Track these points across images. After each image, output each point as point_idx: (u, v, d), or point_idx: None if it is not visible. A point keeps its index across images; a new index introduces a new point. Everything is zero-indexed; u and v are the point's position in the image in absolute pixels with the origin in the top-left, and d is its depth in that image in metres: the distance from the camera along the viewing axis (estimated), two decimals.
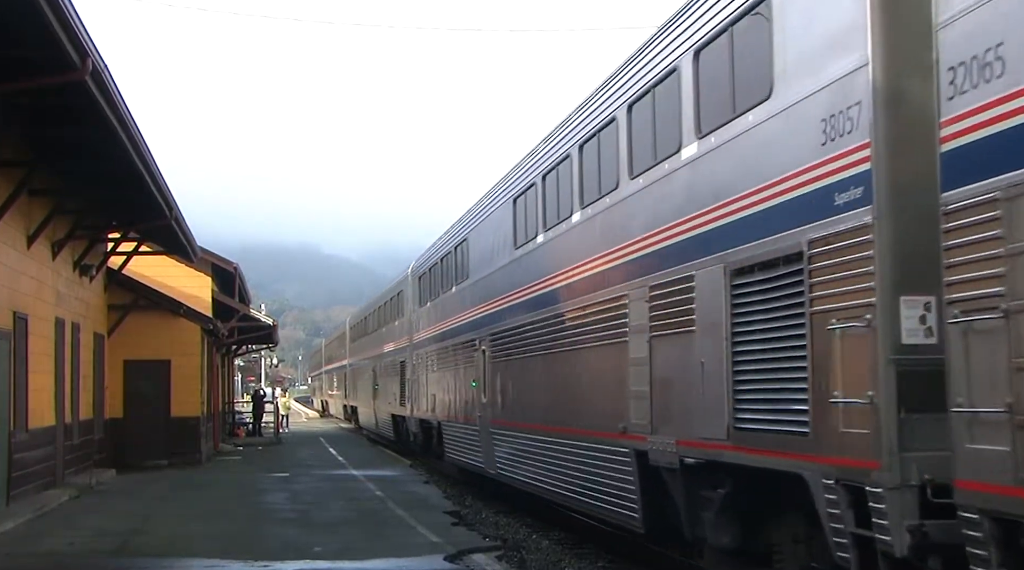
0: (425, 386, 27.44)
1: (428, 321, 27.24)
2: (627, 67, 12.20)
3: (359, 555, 13.64)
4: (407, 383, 30.99)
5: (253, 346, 56.22)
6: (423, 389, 27.88)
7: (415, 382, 29.40)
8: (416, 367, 29.21)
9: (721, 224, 9.57)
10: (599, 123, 13.06)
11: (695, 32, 10.13)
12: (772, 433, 8.66)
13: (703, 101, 9.97)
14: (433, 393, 26.06)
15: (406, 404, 31.20)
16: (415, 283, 30.03)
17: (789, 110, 8.37)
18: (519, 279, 17.19)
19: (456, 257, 23.07)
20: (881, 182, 7.29)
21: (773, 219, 8.62)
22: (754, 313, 9.01)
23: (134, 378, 29.13)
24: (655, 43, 11.26)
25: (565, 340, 14.63)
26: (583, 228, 13.79)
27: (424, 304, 28.11)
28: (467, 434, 21.65)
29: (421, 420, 28.50)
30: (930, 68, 6.68)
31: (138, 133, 17.43)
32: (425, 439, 28.41)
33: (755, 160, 8.96)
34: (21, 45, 13.33)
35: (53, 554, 14.22)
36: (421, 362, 28.18)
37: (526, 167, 17.17)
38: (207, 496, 21.47)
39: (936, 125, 6.55)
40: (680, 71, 10.42)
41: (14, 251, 18.64)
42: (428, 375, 26.88)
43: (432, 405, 26.14)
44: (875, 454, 7.20)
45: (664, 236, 10.91)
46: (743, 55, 9.17)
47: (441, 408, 24.80)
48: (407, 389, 31.00)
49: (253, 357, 75.31)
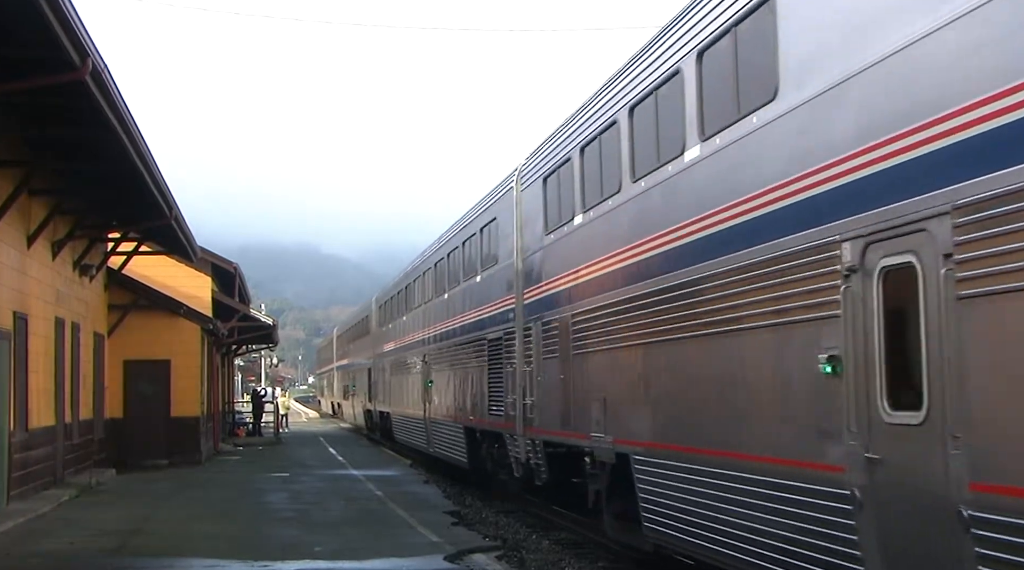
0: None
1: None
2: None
3: (359, 555, 13.64)
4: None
5: (253, 346, 56.23)
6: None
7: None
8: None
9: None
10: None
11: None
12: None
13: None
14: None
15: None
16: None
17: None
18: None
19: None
20: None
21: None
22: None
23: (134, 378, 29.16)
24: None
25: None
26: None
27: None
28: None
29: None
30: None
31: (138, 133, 17.43)
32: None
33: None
34: (21, 45, 13.34)
35: (53, 554, 14.21)
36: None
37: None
38: (207, 496, 21.47)
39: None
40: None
41: (14, 251, 18.64)
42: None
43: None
44: None
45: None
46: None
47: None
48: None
49: (253, 357, 75.35)
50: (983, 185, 6.21)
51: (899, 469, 6.96)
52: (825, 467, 7.78)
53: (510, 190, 18.14)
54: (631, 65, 12.18)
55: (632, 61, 12.18)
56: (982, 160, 6.25)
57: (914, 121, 6.87)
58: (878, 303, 7.19)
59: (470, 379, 21.29)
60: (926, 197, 6.66)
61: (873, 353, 7.22)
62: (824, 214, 7.83)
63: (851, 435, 7.44)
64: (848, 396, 7.49)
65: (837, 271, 7.61)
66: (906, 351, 6.97)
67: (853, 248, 7.41)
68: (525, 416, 16.70)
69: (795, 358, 8.27)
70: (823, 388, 7.79)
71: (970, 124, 6.36)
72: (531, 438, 16.55)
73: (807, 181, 8.11)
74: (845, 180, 7.60)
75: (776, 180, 8.60)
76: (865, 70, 7.42)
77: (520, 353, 17.12)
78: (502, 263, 18.64)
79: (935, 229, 6.56)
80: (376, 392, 39.42)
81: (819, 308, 7.87)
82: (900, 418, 6.97)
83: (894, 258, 7.00)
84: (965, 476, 6.29)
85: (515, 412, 17.23)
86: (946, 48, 6.59)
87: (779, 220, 8.54)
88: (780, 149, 8.60)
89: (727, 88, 9.62)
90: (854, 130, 7.55)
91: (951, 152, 6.51)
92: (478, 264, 21.04)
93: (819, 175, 7.96)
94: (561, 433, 14.89)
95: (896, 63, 7.04)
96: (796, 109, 8.34)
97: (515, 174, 18.01)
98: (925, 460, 6.68)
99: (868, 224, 7.24)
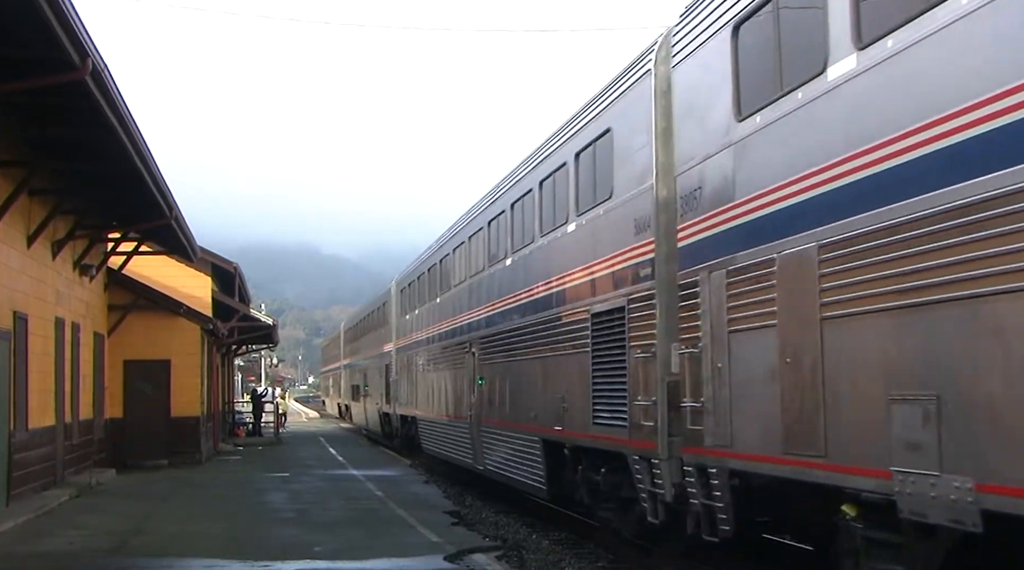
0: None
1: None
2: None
3: (359, 555, 13.63)
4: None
5: (253, 346, 56.22)
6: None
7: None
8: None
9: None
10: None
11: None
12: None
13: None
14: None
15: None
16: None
17: None
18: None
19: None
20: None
21: None
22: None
23: (134, 378, 29.14)
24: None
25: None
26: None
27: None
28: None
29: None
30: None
31: (138, 133, 17.44)
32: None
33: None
34: (21, 45, 13.34)
35: (53, 554, 14.20)
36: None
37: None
38: (207, 496, 21.46)
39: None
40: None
41: (14, 251, 18.64)
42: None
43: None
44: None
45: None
46: None
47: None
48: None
49: (253, 357, 75.35)
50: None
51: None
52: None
53: (644, 77, 11.97)
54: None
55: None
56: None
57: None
58: None
59: (555, 373, 15.17)
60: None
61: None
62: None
63: None
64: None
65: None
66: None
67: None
68: (683, 429, 10.75)
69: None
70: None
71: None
72: (696, 463, 10.51)
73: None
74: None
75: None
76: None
77: (665, 328, 11.28)
78: (623, 195, 12.52)
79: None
80: (397, 392, 33.24)
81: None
82: None
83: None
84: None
85: (653, 422, 11.37)
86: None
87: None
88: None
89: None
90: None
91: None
92: (569, 208, 14.68)
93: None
94: (786, 461, 8.64)
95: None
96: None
97: (655, 48, 11.74)
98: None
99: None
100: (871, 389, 7.48)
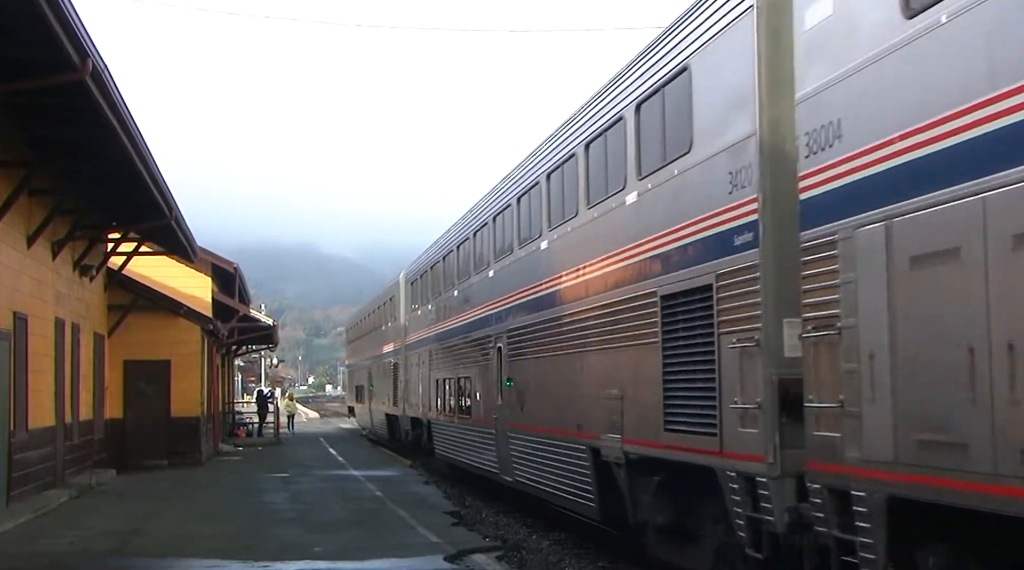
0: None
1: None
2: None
3: (359, 555, 13.63)
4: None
5: (253, 346, 56.24)
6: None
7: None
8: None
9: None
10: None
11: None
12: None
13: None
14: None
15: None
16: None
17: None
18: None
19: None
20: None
21: None
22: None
23: (134, 378, 29.15)
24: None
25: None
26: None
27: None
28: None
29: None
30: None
31: (138, 133, 17.44)
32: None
33: None
34: (21, 45, 13.33)
35: (53, 554, 14.20)
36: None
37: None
38: (207, 496, 21.47)
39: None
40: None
41: (14, 251, 18.64)
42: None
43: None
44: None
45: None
46: None
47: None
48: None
49: (253, 357, 75.32)
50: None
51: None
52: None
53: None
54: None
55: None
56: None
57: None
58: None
59: (609, 369, 12.74)
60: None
61: None
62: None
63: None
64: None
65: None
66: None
67: None
68: (804, 438, 8.14)
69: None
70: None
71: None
72: (828, 484, 7.74)
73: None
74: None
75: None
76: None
77: (774, 309, 8.87)
78: (708, 148, 10.02)
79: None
80: (406, 393, 30.98)
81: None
82: None
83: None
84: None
85: (756, 428, 8.96)
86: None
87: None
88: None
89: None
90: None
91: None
92: (628, 172, 12.07)
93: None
94: (999, 489, 5.90)
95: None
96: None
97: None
98: None
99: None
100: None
